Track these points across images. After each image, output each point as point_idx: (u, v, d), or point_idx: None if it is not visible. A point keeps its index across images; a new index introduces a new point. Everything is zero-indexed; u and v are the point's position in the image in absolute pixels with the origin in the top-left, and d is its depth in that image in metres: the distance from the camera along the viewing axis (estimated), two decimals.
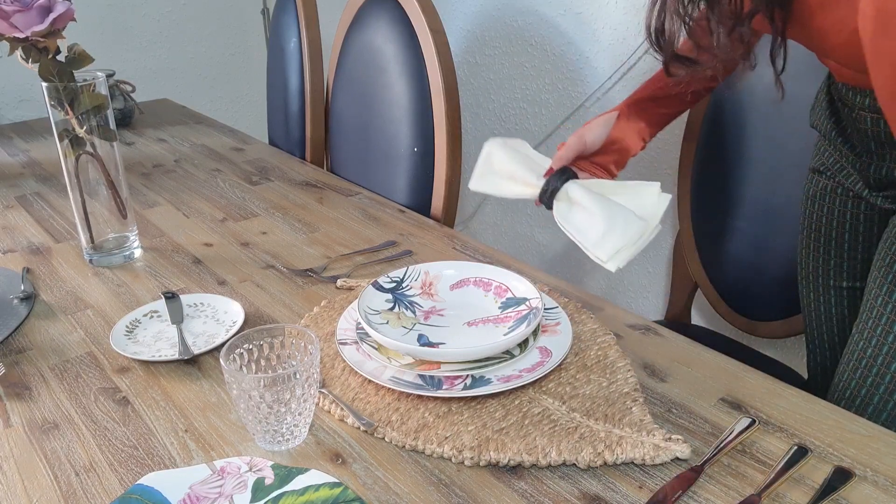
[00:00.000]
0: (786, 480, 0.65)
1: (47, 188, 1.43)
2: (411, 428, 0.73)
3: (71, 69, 1.01)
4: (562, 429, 0.72)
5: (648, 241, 0.80)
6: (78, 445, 0.73)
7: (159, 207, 1.33)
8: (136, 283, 1.05)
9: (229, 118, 2.50)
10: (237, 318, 0.93)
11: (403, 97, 1.41)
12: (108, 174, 1.07)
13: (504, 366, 0.79)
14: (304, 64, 1.70)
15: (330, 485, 0.63)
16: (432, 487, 0.66)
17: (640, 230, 0.79)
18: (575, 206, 0.83)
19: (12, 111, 2.14)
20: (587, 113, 1.72)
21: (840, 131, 0.92)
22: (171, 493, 0.63)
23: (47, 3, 0.97)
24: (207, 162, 1.57)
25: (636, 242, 0.79)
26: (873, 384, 0.85)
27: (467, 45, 1.98)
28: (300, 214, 1.29)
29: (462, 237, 1.18)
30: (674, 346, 0.87)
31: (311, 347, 0.72)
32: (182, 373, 0.84)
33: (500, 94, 1.95)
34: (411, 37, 1.39)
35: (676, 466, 0.67)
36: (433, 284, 0.94)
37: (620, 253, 0.79)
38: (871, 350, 0.85)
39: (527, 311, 0.86)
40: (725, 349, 0.87)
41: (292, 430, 0.70)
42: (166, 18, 2.36)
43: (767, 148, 1.19)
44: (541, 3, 1.74)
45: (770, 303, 1.26)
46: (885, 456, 0.68)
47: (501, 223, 2.10)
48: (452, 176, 1.38)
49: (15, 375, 0.84)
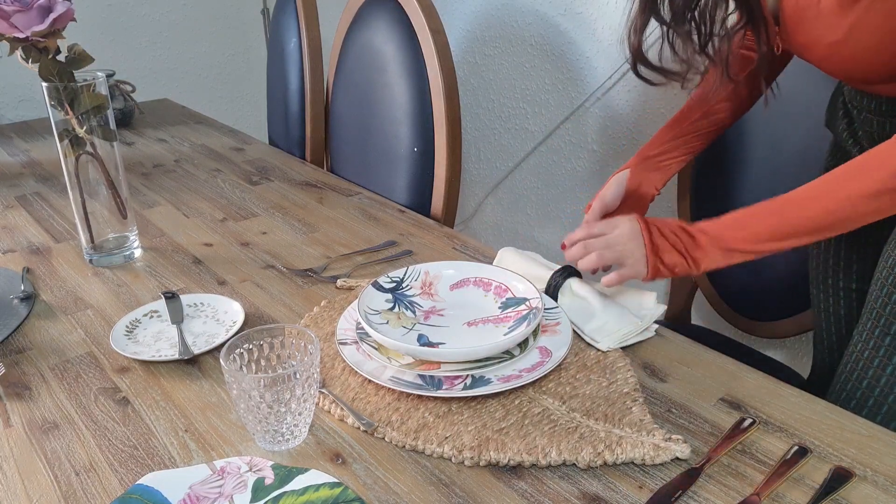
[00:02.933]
0: (786, 480, 0.65)
1: (47, 188, 1.43)
2: (411, 428, 0.73)
3: (71, 69, 1.01)
4: (562, 429, 0.72)
5: (640, 338, 0.87)
6: (78, 445, 0.73)
7: (159, 207, 1.33)
8: (136, 283, 1.05)
9: (229, 118, 2.50)
10: (237, 318, 0.93)
11: (403, 97, 1.41)
12: (108, 174, 1.07)
13: (504, 366, 0.79)
14: (304, 64, 1.70)
15: (330, 485, 0.63)
16: (432, 487, 0.66)
17: (634, 327, 0.86)
18: (577, 299, 0.92)
19: (12, 111, 2.14)
20: (587, 113, 1.72)
21: (851, 133, 0.93)
22: (171, 493, 0.63)
23: (47, 3, 0.97)
24: (207, 162, 1.57)
25: (628, 334, 0.86)
26: (869, 386, 0.85)
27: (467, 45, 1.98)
28: (300, 214, 1.29)
29: (462, 237, 1.18)
30: (674, 346, 0.87)
31: (311, 347, 0.72)
32: (182, 373, 0.84)
33: (500, 94, 1.95)
34: (411, 37, 1.39)
35: (676, 466, 0.67)
36: (433, 284, 0.94)
37: (612, 337, 0.86)
38: (868, 352, 0.85)
39: (527, 310, 0.86)
40: (725, 349, 0.87)
41: (292, 430, 0.70)
42: (166, 18, 2.36)
43: (767, 148, 1.19)
44: (541, 3, 1.74)
45: (770, 303, 1.26)
46: (885, 456, 0.68)
47: (501, 223, 2.10)
48: (452, 176, 1.38)
49: (15, 375, 0.84)
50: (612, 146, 1.70)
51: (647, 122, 1.59)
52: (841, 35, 0.73)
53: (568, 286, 0.93)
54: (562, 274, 0.94)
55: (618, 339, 0.85)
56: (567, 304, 0.92)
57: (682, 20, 0.77)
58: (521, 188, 1.99)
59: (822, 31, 0.75)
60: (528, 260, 1.01)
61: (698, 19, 0.77)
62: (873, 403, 0.85)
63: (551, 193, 1.91)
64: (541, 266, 0.99)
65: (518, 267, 0.99)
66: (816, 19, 0.74)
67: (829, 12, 0.73)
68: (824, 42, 0.76)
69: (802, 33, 0.78)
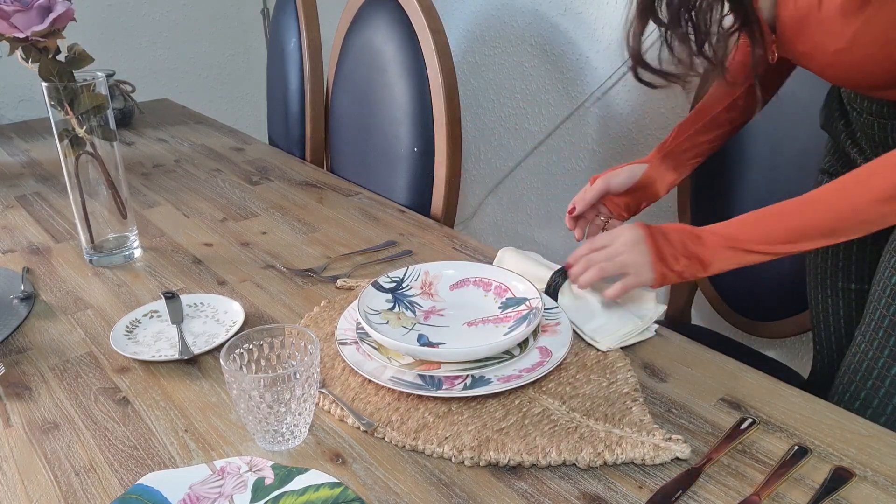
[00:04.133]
0: (786, 480, 0.65)
1: (47, 188, 1.43)
2: (411, 428, 0.73)
3: (71, 69, 1.01)
4: (562, 429, 0.72)
5: (640, 338, 0.87)
6: (78, 445, 0.72)
7: (159, 207, 1.33)
8: (136, 283, 1.05)
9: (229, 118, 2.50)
10: (237, 318, 0.93)
11: (403, 97, 1.41)
12: (108, 174, 1.07)
13: (504, 366, 0.79)
14: (304, 64, 1.70)
15: (330, 485, 0.63)
16: (432, 487, 0.66)
17: (634, 327, 0.87)
18: (577, 299, 0.92)
19: (12, 111, 2.14)
20: (587, 113, 1.72)
21: (850, 134, 0.93)
22: (171, 493, 0.63)
23: (47, 3, 0.97)
24: (207, 162, 1.57)
25: (629, 334, 0.86)
26: (873, 387, 0.85)
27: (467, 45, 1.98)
28: (300, 214, 1.29)
29: (462, 237, 1.18)
30: (674, 346, 0.87)
31: (311, 347, 0.72)
32: (182, 373, 0.84)
33: (500, 94, 1.95)
34: (411, 37, 1.39)
35: (676, 466, 0.67)
36: (433, 284, 0.94)
37: (612, 337, 0.86)
38: (872, 352, 0.85)
39: (527, 310, 0.86)
40: (725, 349, 0.87)
41: (292, 430, 0.70)
42: (166, 18, 2.36)
43: (767, 148, 1.19)
44: (541, 3, 1.74)
45: (770, 303, 1.26)
46: (885, 456, 0.68)
47: (501, 223, 2.10)
48: (452, 176, 1.38)
49: (15, 375, 0.84)
50: (612, 146, 1.70)
51: (647, 122, 1.59)
52: (844, 43, 0.73)
53: (568, 286, 0.93)
54: (561, 274, 0.94)
55: (618, 339, 0.85)
56: (567, 305, 0.92)
57: (679, 21, 0.77)
58: (521, 188, 1.99)
59: (825, 39, 0.74)
60: (528, 260, 1.01)
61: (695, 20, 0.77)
62: (878, 403, 0.85)
63: (551, 193, 1.91)
64: (541, 266, 0.99)
65: (518, 267, 0.99)
66: (819, 27, 0.74)
67: (831, 20, 0.72)
68: (827, 50, 0.75)
69: (803, 42, 0.77)
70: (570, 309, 0.91)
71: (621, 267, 0.85)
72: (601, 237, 0.89)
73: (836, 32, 0.73)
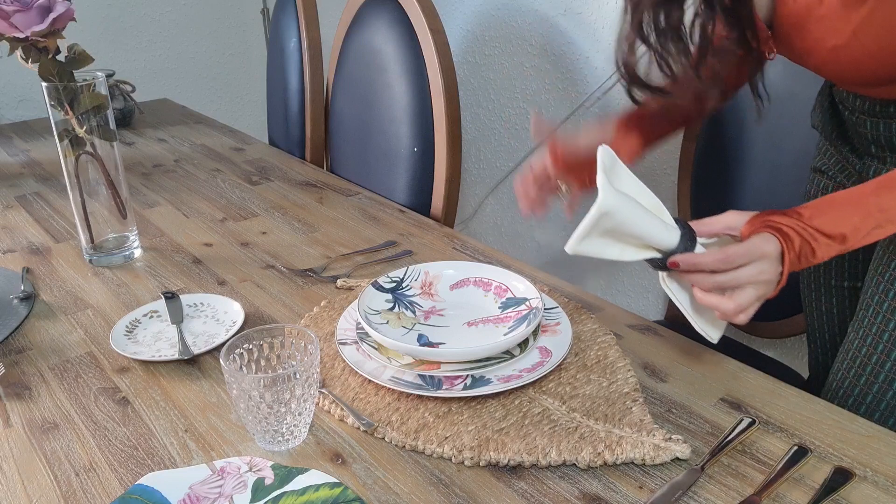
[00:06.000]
0: (786, 480, 0.65)
1: (47, 188, 1.43)
2: (411, 428, 0.73)
3: (71, 69, 1.01)
4: (562, 429, 0.72)
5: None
6: (78, 445, 0.72)
7: (159, 207, 1.33)
8: (136, 283, 1.05)
9: (229, 118, 2.50)
10: (237, 318, 0.93)
11: (403, 97, 1.41)
12: (108, 174, 1.07)
13: (504, 366, 0.79)
14: (304, 64, 1.70)
15: (330, 485, 0.63)
16: (432, 487, 0.66)
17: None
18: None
19: (12, 111, 2.14)
20: (587, 113, 1.72)
21: (841, 133, 0.93)
22: (171, 494, 0.63)
23: (47, 3, 0.97)
24: (207, 162, 1.57)
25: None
26: (867, 383, 0.86)
27: (467, 45, 1.98)
28: (300, 214, 1.29)
29: (462, 237, 1.18)
30: (674, 346, 0.87)
31: (311, 347, 0.72)
32: (182, 373, 0.84)
33: (500, 94, 1.95)
34: (411, 37, 1.39)
35: (676, 466, 0.67)
36: (433, 284, 0.94)
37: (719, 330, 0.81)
38: (865, 349, 0.86)
39: (527, 311, 0.86)
40: (725, 349, 0.87)
41: (292, 430, 0.70)
42: (166, 18, 2.36)
43: (767, 148, 1.19)
44: (541, 3, 1.74)
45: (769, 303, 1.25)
46: (885, 456, 0.68)
47: (501, 223, 2.10)
48: (452, 176, 1.38)
49: (15, 375, 0.84)
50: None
51: None
52: (843, 39, 0.73)
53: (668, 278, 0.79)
54: (688, 241, 0.75)
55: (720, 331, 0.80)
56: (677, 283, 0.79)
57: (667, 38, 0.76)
58: None
59: (824, 34, 0.74)
60: (644, 218, 0.74)
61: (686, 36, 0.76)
62: (872, 399, 0.86)
63: None
64: (654, 229, 0.75)
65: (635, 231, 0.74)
66: (819, 23, 0.74)
67: (832, 15, 0.72)
68: (825, 46, 0.75)
69: (802, 38, 0.77)
70: (680, 287, 0.79)
71: (768, 287, 0.76)
72: (738, 253, 0.73)
73: (836, 28, 0.73)
